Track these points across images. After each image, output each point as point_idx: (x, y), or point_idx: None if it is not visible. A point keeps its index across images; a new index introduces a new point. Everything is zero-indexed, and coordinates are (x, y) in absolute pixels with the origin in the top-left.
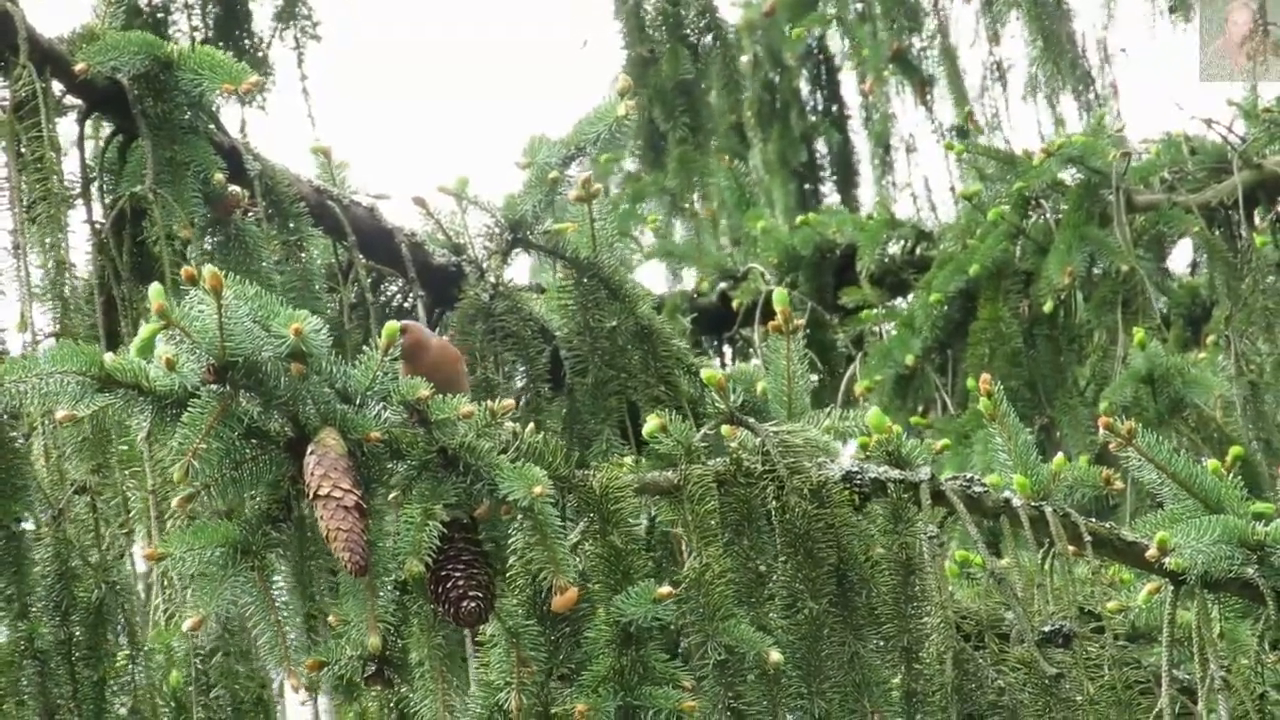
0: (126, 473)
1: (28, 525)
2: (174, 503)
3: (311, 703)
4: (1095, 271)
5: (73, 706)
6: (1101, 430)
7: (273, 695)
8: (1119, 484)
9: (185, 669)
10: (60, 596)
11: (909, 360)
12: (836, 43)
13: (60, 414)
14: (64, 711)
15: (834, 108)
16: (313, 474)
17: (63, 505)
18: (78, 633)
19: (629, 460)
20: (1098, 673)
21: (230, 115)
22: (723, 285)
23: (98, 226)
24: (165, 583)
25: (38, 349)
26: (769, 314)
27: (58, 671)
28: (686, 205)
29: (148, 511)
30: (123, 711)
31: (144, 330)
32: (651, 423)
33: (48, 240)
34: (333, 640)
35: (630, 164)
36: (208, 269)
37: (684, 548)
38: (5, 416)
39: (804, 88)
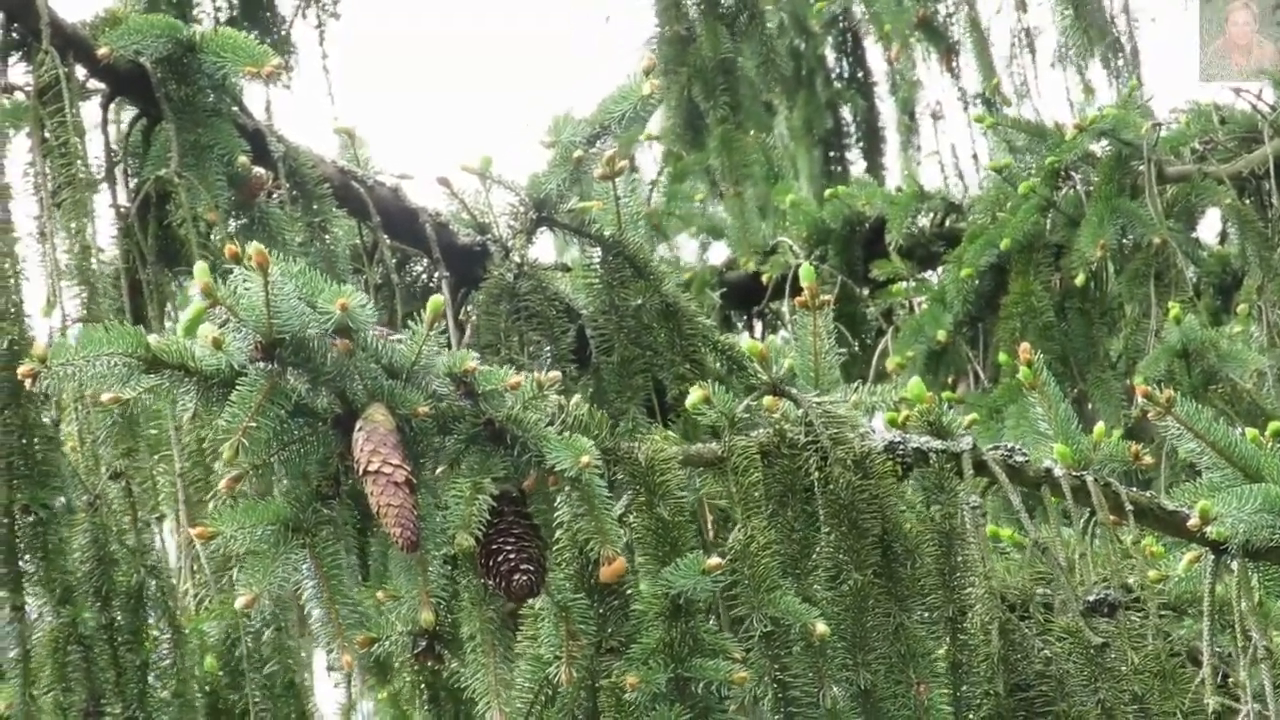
0: (155, 458)
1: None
2: (221, 484)
3: (344, 685)
4: (1127, 244)
5: (116, 691)
6: (1140, 399)
7: (306, 680)
8: (1148, 459)
9: (219, 654)
10: (100, 581)
11: (941, 335)
12: (862, 9)
13: (106, 397)
14: (109, 696)
15: (860, 75)
16: (362, 450)
17: (98, 490)
18: (119, 617)
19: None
20: (1141, 643)
21: (255, 95)
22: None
23: (122, 210)
24: (195, 568)
25: (67, 333)
26: (798, 288)
27: (101, 657)
28: (728, 186)
29: (175, 496)
30: (165, 695)
31: (190, 309)
32: (695, 394)
33: (73, 225)
34: (381, 617)
35: (659, 145)
36: (253, 245)
37: (710, 523)
38: (39, 401)
39: (830, 55)
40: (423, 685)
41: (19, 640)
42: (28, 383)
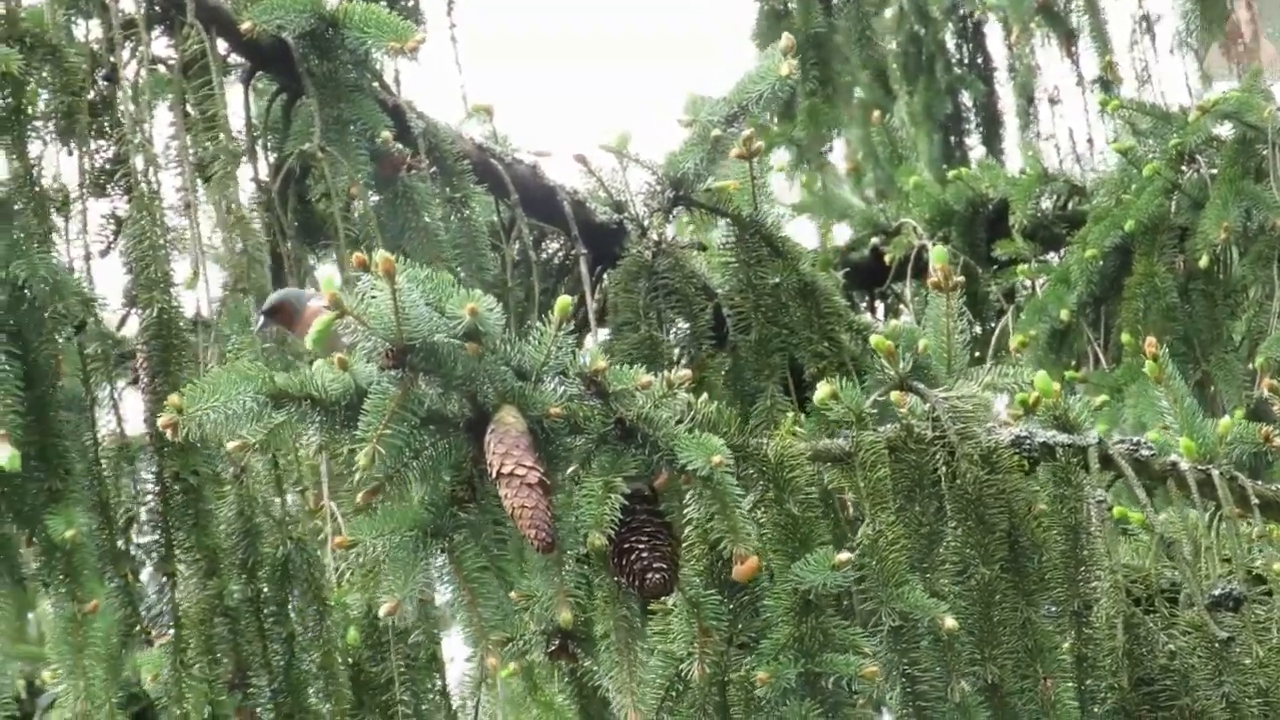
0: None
1: None
2: (359, 497)
3: (476, 661)
4: (1251, 226)
5: (263, 662)
6: (1265, 391)
7: (444, 654)
8: (1278, 441)
9: (361, 627)
10: (246, 553)
11: (1064, 315)
12: None
13: (232, 445)
14: (255, 667)
15: (979, 60)
16: (494, 453)
17: (244, 462)
18: (265, 589)
19: (790, 416)
20: (1266, 635)
21: (386, 67)
22: (875, 240)
23: (263, 185)
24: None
25: (216, 310)
26: (921, 268)
27: (248, 628)
28: (813, 159)
29: (318, 470)
30: (312, 667)
31: (318, 322)
32: (822, 390)
33: (220, 198)
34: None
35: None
36: (379, 254)
37: (850, 505)
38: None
39: (949, 41)
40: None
41: (170, 610)
42: (168, 433)
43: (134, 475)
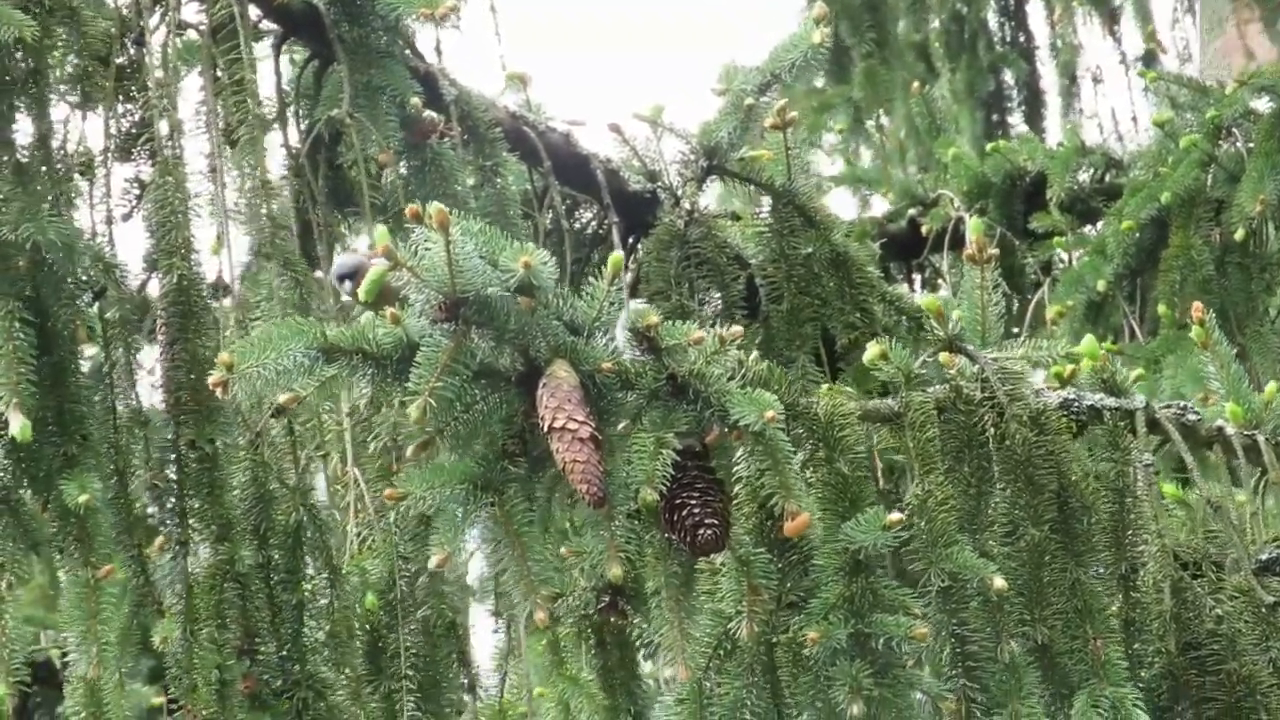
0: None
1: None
2: (409, 451)
3: (504, 631)
4: None
5: (271, 629)
6: None
7: (466, 622)
8: None
9: (380, 593)
10: (258, 520)
11: (1100, 286)
12: None
13: (283, 398)
14: (264, 634)
15: (1021, 38)
16: (546, 407)
17: (260, 428)
18: (276, 556)
19: (824, 388)
20: None
21: (426, 36)
22: (912, 211)
23: (293, 151)
24: (359, 507)
25: (238, 278)
26: (959, 240)
27: (257, 595)
28: (872, 121)
29: (341, 435)
30: (320, 635)
31: (372, 273)
32: (872, 349)
33: (246, 163)
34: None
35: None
36: (434, 205)
37: (880, 471)
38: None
39: (992, 19)
40: (590, 631)
41: (182, 577)
42: (219, 391)
43: (148, 442)
